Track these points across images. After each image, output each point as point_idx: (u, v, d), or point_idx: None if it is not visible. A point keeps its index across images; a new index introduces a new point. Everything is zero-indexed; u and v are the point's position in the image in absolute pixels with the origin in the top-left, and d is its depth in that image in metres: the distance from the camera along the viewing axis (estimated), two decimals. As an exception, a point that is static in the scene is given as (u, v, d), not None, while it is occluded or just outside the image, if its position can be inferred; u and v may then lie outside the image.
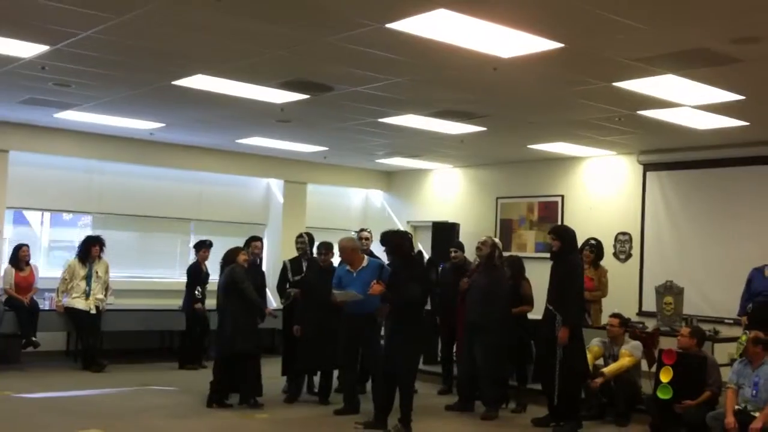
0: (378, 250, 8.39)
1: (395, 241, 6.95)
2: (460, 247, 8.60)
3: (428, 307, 7.62)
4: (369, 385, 7.94)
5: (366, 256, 7.57)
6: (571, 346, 6.79)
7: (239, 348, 7.36)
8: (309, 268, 7.97)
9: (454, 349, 8.58)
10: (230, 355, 7.41)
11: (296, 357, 7.81)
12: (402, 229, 12.24)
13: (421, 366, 8.57)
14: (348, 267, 7.40)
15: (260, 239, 8.81)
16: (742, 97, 6.91)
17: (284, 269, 8.29)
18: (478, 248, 7.72)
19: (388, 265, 7.21)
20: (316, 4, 4.93)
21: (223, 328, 7.53)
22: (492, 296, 7.42)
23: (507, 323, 7.49)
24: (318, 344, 7.55)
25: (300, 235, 8.45)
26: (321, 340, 7.52)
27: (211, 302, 8.92)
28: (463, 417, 7.47)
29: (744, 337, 6.47)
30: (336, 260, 7.84)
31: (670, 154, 9.95)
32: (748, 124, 8.03)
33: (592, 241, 8.91)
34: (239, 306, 7.43)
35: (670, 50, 5.60)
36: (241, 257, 7.62)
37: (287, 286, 8.17)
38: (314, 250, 8.11)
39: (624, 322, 7.57)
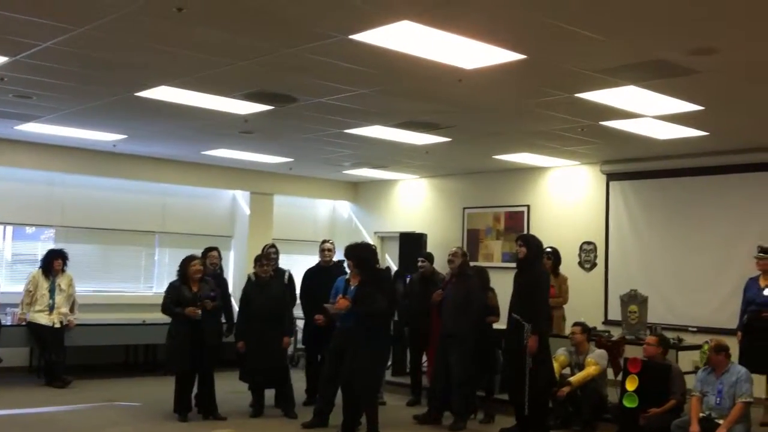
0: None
1: (359, 254, 6.93)
2: (428, 257, 8.62)
3: (395, 318, 7.60)
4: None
5: None
6: (538, 355, 6.82)
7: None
8: (250, 281, 7.86)
9: (424, 360, 8.58)
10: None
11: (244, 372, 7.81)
12: (369, 240, 12.25)
13: (389, 377, 8.57)
14: (347, 278, 7.38)
15: (216, 248, 8.69)
16: (701, 108, 7.01)
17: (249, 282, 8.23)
18: (449, 260, 7.69)
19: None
20: (279, 15, 4.91)
21: None
22: (466, 306, 7.41)
23: (481, 331, 7.50)
24: (261, 359, 7.53)
25: (272, 246, 8.45)
26: (264, 354, 7.51)
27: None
28: (431, 428, 7.45)
29: (707, 346, 6.54)
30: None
31: (632, 164, 10.06)
32: (707, 134, 8.15)
33: (548, 249, 8.95)
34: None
35: (629, 62, 5.67)
36: (192, 268, 7.50)
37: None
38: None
39: (586, 329, 7.64)
